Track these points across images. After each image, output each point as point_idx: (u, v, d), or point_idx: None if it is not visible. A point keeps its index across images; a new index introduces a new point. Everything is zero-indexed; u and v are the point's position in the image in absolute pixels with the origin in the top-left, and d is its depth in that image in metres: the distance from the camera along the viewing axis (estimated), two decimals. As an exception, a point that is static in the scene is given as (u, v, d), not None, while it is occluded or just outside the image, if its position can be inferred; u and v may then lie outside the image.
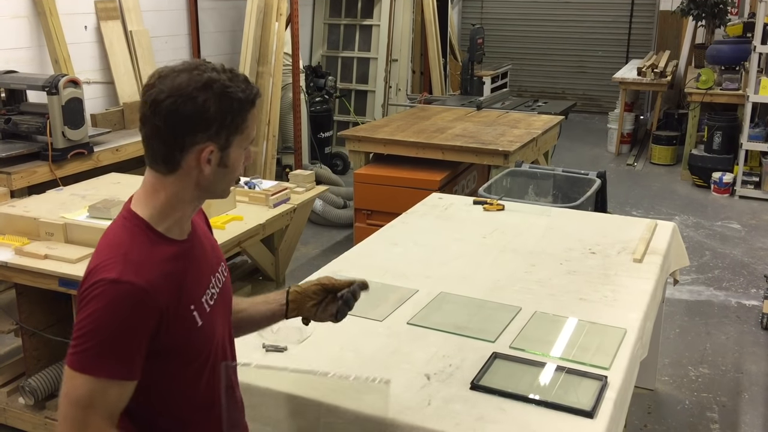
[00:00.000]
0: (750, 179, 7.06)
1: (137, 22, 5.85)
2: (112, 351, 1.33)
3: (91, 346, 1.32)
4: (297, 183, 3.97)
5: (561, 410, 1.93)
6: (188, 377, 1.49)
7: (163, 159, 1.40)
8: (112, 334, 1.33)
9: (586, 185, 4.06)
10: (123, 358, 1.35)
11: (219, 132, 1.39)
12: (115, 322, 1.32)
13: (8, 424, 3.31)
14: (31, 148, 4.33)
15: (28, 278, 2.97)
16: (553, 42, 11.52)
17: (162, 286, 1.37)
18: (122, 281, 1.33)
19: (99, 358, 1.33)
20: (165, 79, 1.36)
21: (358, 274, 2.76)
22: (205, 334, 1.49)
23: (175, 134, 1.37)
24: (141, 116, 1.39)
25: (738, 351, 4.15)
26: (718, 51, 7.58)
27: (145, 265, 1.37)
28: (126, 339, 1.34)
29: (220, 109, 1.37)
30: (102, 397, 1.34)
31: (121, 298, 1.33)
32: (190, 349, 1.47)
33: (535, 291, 2.66)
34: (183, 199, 1.44)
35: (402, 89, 8.50)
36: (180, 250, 1.46)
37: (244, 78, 1.43)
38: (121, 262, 1.35)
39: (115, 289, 1.33)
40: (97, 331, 1.32)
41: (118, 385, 1.35)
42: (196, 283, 1.49)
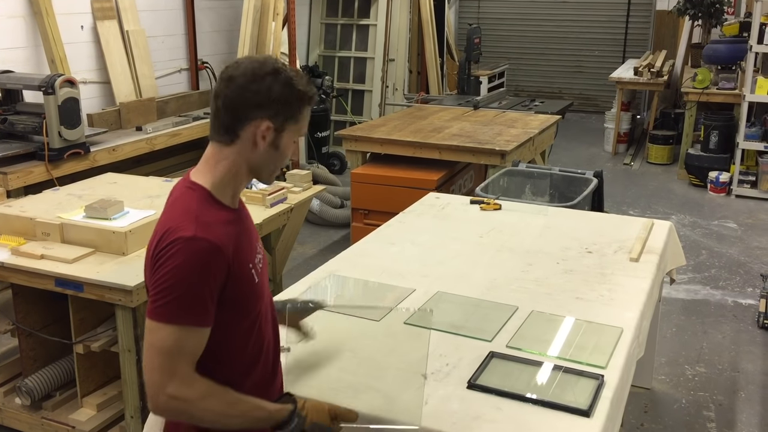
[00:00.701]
0: (746, 178, 7.07)
1: (134, 21, 5.84)
2: (192, 301, 1.50)
3: (174, 298, 1.49)
4: (294, 182, 3.97)
5: (558, 409, 1.93)
6: (242, 331, 1.65)
7: (226, 129, 1.59)
8: (192, 285, 1.50)
9: (583, 184, 4.06)
10: (201, 307, 1.52)
11: (277, 113, 1.59)
12: (194, 274, 1.50)
13: (5, 424, 3.30)
14: (27, 148, 4.33)
15: (25, 278, 2.96)
16: (549, 41, 11.53)
17: (228, 244, 1.55)
18: (198, 238, 1.51)
19: (182, 309, 1.50)
20: (242, 63, 1.59)
21: (355, 274, 2.78)
22: (258, 292, 1.67)
23: (241, 106, 1.57)
24: (215, 92, 1.60)
25: (734, 350, 4.16)
26: (714, 50, 7.59)
27: (213, 225, 1.55)
28: (203, 289, 1.51)
29: (283, 94, 1.58)
30: (186, 344, 1.51)
31: (199, 254, 1.50)
32: (247, 303, 1.64)
33: (531, 290, 2.66)
34: (238, 172, 1.63)
35: (399, 89, 8.50)
36: (235, 216, 1.65)
37: (308, 79, 1.66)
38: (194, 223, 1.53)
39: (193, 245, 1.50)
40: (179, 284, 1.49)
41: (198, 332, 1.53)
42: (249, 246, 1.67)
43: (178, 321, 1.50)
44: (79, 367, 3.15)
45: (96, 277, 2.79)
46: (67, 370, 3.29)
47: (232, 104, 1.57)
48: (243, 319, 1.65)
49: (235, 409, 1.57)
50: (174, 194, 1.65)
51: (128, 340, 2.84)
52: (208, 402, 1.54)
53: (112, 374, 3.23)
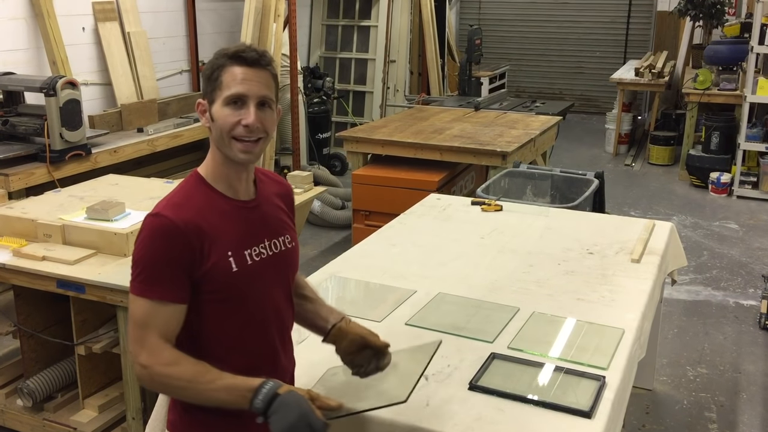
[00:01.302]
0: (748, 179, 7.07)
1: (135, 23, 5.85)
2: (156, 276, 1.57)
3: (140, 271, 1.59)
4: (295, 184, 3.97)
5: (559, 410, 1.93)
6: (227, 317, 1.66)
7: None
8: (152, 260, 1.58)
9: (584, 185, 4.06)
10: (165, 282, 1.57)
11: (206, 88, 1.65)
12: (153, 249, 1.58)
13: (6, 425, 3.31)
14: (28, 149, 4.33)
15: (26, 280, 2.97)
16: (550, 43, 11.53)
17: (193, 225, 1.59)
18: (160, 215, 1.59)
19: (146, 283, 1.58)
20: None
21: (356, 275, 2.78)
22: (242, 281, 1.66)
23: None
24: None
25: (736, 351, 4.16)
26: (715, 51, 7.58)
27: (184, 206, 1.61)
28: (164, 265, 1.57)
29: (209, 65, 1.64)
30: (154, 317, 1.57)
31: (157, 229, 1.58)
32: (225, 288, 1.64)
33: (533, 291, 2.66)
34: (218, 160, 1.68)
35: (400, 90, 8.50)
36: (231, 206, 1.68)
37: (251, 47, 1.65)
38: (165, 202, 1.63)
39: (153, 221, 1.59)
40: (142, 258, 1.59)
41: (166, 307, 1.58)
42: (243, 236, 1.68)
43: (145, 294, 1.58)
44: (80, 369, 3.15)
45: (97, 279, 2.80)
46: (68, 372, 3.30)
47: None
48: (217, 306, 1.65)
49: (204, 377, 1.57)
50: None
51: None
52: (175, 369, 1.57)
53: (114, 376, 3.23)
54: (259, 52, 1.64)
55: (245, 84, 1.61)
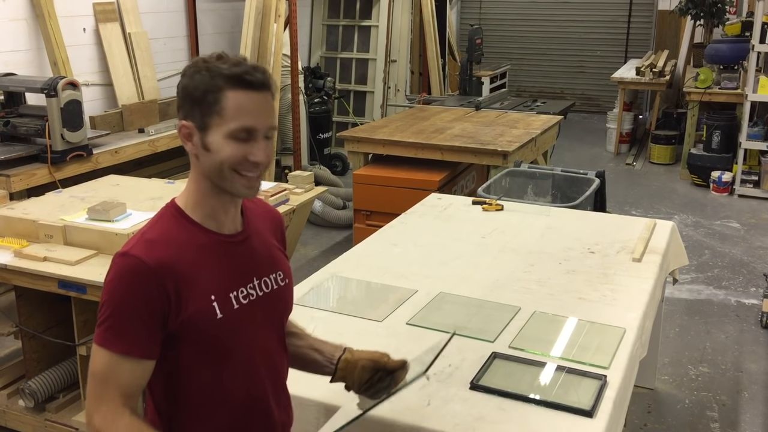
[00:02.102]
0: (749, 178, 7.06)
1: (136, 24, 5.85)
2: (122, 325, 1.36)
3: (105, 318, 1.37)
4: (296, 184, 3.97)
5: (561, 410, 1.93)
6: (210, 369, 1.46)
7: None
8: (119, 306, 1.36)
9: (585, 185, 4.06)
10: (132, 333, 1.37)
11: (193, 109, 1.40)
12: (122, 294, 1.37)
13: (8, 426, 3.31)
14: (30, 150, 4.34)
15: (28, 280, 2.97)
16: (551, 42, 11.53)
17: (170, 266, 1.38)
18: (129, 255, 1.38)
19: (111, 333, 1.37)
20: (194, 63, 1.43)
21: (357, 275, 2.78)
22: (228, 329, 1.46)
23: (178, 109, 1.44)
24: None
25: (738, 350, 4.15)
26: (716, 50, 7.58)
27: (159, 244, 1.40)
28: (133, 313, 1.36)
29: (199, 84, 1.38)
30: (116, 374, 1.37)
31: (125, 271, 1.37)
32: (208, 338, 1.44)
33: (534, 291, 2.66)
34: (199, 187, 1.46)
35: (401, 90, 8.50)
36: (214, 241, 1.47)
37: (253, 66, 1.40)
38: (136, 239, 1.42)
39: (122, 261, 1.38)
40: (108, 303, 1.38)
41: (130, 363, 1.37)
42: (228, 276, 1.48)
43: (107, 345, 1.37)
44: (82, 369, 3.15)
45: (99, 279, 2.79)
46: (70, 372, 3.30)
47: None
48: (199, 359, 1.44)
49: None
50: None
51: (131, 342, 2.84)
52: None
53: (116, 376, 3.23)
54: (264, 72, 1.42)
55: (255, 116, 1.39)
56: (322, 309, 2.50)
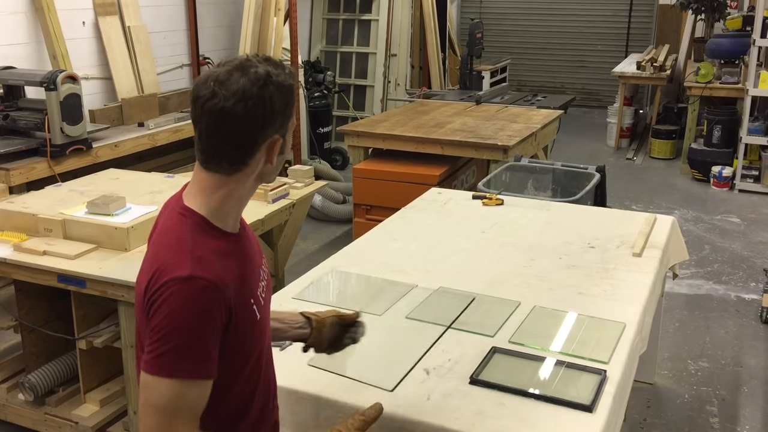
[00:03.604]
0: (749, 173, 7.06)
1: (135, 17, 5.83)
2: (193, 350, 1.33)
3: (172, 347, 1.31)
4: (296, 178, 3.97)
5: (560, 404, 1.93)
6: (237, 375, 1.47)
7: (230, 161, 1.39)
8: (192, 332, 1.32)
9: (586, 179, 4.05)
10: (204, 356, 1.34)
11: (282, 122, 1.42)
12: (193, 320, 1.32)
13: (8, 420, 3.31)
14: (29, 144, 4.33)
15: (27, 274, 2.97)
16: (552, 36, 11.50)
17: (228, 281, 1.37)
18: (195, 278, 1.32)
19: (181, 360, 1.32)
20: (225, 85, 1.35)
21: (357, 270, 2.78)
22: (261, 329, 1.50)
23: (249, 136, 1.37)
24: (205, 126, 1.37)
25: (737, 345, 4.15)
26: (717, 45, 7.56)
27: (211, 260, 1.36)
28: (204, 336, 1.33)
29: (281, 101, 1.39)
30: (186, 400, 1.33)
31: (198, 296, 1.32)
32: (246, 346, 1.46)
33: (534, 285, 2.66)
34: (242, 194, 1.45)
35: (401, 84, 8.48)
36: (235, 244, 1.46)
37: (280, 62, 1.45)
38: (190, 259, 1.34)
39: (190, 286, 1.32)
40: (177, 331, 1.31)
41: (200, 385, 1.35)
42: (251, 276, 1.49)
43: (178, 374, 1.32)
44: (81, 363, 3.15)
45: (98, 273, 2.79)
46: (69, 366, 3.30)
47: (236, 139, 1.37)
48: (240, 363, 1.47)
49: None
50: (164, 218, 1.48)
51: (131, 336, 2.84)
52: None
53: (115, 370, 3.23)
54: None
55: None
56: (321, 303, 2.49)
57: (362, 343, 1.95)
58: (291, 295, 2.56)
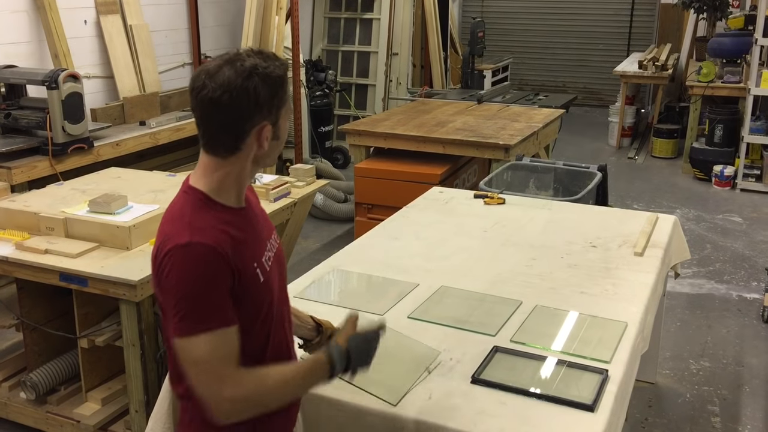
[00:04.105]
0: (751, 172, 7.05)
1: (137, 16, 5.83)
2: (208, 306, 1.48)
3: (190, 310, 1.47)
4: (297, 177, 3.97)
5: (562, 404, 1.93)
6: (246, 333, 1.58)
7: (224, 146, 1.55)
8: (202, 291, 1.48)
9: (587, 179, 4.05)
10: (219, 308, 1.50)
11: (270, 110, 1.55)
12: (199, 281, 1.47)
13: (10, 418, 3.32)
14: (31, 142, 4.33)
15: (29, 273, 2.97)
16: (553, 35, 11.49)
17: (226, 246, 1.51)
18: (193, 243, 1.48)
19: (202, 317, 1.48)
20: (213, 77, 1.50)
21: (358, 269, 2.78)
22: (265, 290, 1.62)
23: (237, 123, 1.52)
24: (199, 115, 1.54)
25: (739, 344, 4.15)
26: (719, 44, 7.55)
27: (207, 229, 1.51)
28: (213, 292, 1.49)
29: (268, 91, 1.53)
30: (223, 347, 1.50)
31: (198, 259, 1.47)
32: (252, 304, 1.59)
33: (535, 285, 2.66)
34: (240, 174, 1.60)
35: (402, 83, 8.48)
36: (238, 216, 1.61)
37: (273, 54, 1.60)
38: (188, 229, 1.50)
39: (190, 252, 1.48)
40: (189, 294, 1.47)
41: (225, 333, 1.50)
42: (256, 243, 1.63)
43: (204, 329, 1.48)
44: (83, 362, 3.15)
45: (100, 272, 2.80)
46: (71, 365, 3.30)
47: (225, 126, 1.52)
48: (250, 323, 1.59)
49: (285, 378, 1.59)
50: (173, 199, 1.64)
51: (132, 335, 2.84)
52: (263, 387, 1.54)
53: (117, 369, 3.23)
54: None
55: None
56: (323, 302, 2.50)
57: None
58: (292, 293, 2.55)
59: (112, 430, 3.12)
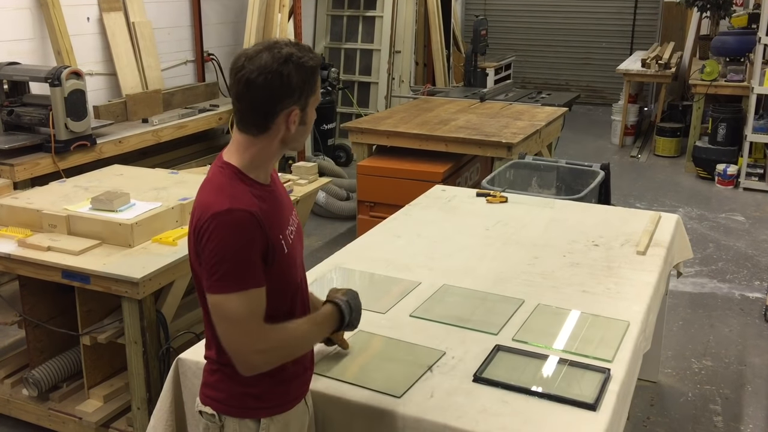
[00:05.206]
0: (754, 171, 7.04)
1: (139, 13, 5.83)
2: (245, 267, 1.62)
3: (229, 269, 1.61)
4: (300, 175, 3.96)
5: (564, 403, 1.93)
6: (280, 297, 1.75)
7: (255, 124, 1.68)
8: (239, 253, 1.62)
9: (590, 177, 4.05)
10: (253, 269, 1.64)
11: (300, 96, 1.68)
12: (238, 242, 1.61)
13: (12, 415, 3.32)
14: (33, 139, 4.33)
15: (31, 270, 2.97)
16: (556, 33, 11.48)
17: (259, 214, 1.66)
18: (233, 209, 1.62)
19: (239, 277, 1.62)
20: (252, 60, 1.64)
21: (360, 267, 2.78)
22: (288, 263, 1.76)
23: (268, 104, 1.65)
24: (236, 93, 1.67)
25: (741, 343, 4.15)
26: (722, 42, 7.53)
27: (244, 198, 1.66)
28: (249, 254, 1.63)
29: (300, 77, 1.66)
30: (253, 306, 1.64)
31: (237, 223, 1.62)
32: (281, 270, 1.73)
33: (538, 283, 2.66)
34: (269, 153, 1.74)
35: (405, 81, 8.47)
36: (266, 191, 1.75)
37: (309, 47, 1.73)
38: (228, 197, 1.65)
39: (230, 217, 1.62)
40: (228, 255, 1.61)
41: (258, 293, 1.65)
42: (281, 217, 1.77)
43: (241, 287, 1.62)
44: (85, 359, 3.16)
45: (102, 269, 2.80)
46: (73, 362, 3.31)
47: (258, 105, 1.65)
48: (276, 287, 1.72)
49: (305, 328, 1.79)
50: (207, 174, 1.76)
51: (134, 332, 2.85)
52: (289, 339, 1.72)
53: (119, 366, 3.24)
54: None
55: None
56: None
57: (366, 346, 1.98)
58: (294, 291, 2.56)
59: (114, 427, 3.13)
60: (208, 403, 1.79)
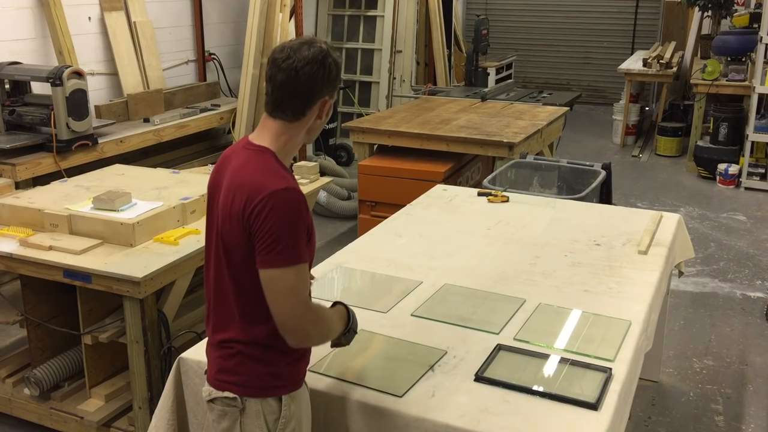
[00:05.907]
0: (756, 171, 7.03)
1: (141, 13, 5.84)
2: (298, 243, 1.73)
3: (286, 245, 1.70)
4: (301, 174, 3.96)
5: (565, 402, 1.93)
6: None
7: (294, 111, 1.79)
8: (295, 230, 1.72)
9: (591, 177, 4.04)
10: (304, 245, 1.75)
11: (333, 89, 1.83)
12: (295, 220, 1.72)
13: (14, 414, 3.32)
14: (35, 139, 4.34)
15: (33, 269, 2.97)
16: (558, 33, 11.47)
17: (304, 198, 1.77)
18: (290, 189, 1.73)
19: (295, 252, 1.72)
20: (297, 51, 1.76)
21: (362, 266, 2.78)
22: (312, 246, 1.86)
23: (309, 91, 1.78)
24: (279, 81, 1.76)
25: (743, 343, 4.14)
26: (724, 42, 7.53)
27: (291, 179, 1.78)
28: (302, 232, 1.74)
29: (337, 73, 1.83)
30: (303, 279, 1.76)
31: (295, 202, 1.73)
32: (310, 253, 1.83)
33: (539, 283, 2.66)
34: (297, 141, 1.86)
35: (406, 80, 8.47)
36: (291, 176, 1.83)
37: (332, 46, 1.86)
38: (281, 177, 1.75)
39: (288, 196, 1.72)
40: (287, 232, 1.71)
41: (306, 268, 1.77)
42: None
43: (295, 261, 1.72)
44: (87, 358, 3.16)
45: (104, 269, 2.80)
46: (75, 361, 3.31)
47: (301, 92, 1.77)
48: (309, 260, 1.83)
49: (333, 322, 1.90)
50: (237, 157, 1.82)
51: (136, 331, 2.85)
52: (327, 319, 1.87)
53: (120, 365, 3.24)
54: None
55: None
56: (326, 300, 2.49)
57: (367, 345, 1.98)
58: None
59: (115, 426, 3.13)
60: (226, 388, 1.82)
